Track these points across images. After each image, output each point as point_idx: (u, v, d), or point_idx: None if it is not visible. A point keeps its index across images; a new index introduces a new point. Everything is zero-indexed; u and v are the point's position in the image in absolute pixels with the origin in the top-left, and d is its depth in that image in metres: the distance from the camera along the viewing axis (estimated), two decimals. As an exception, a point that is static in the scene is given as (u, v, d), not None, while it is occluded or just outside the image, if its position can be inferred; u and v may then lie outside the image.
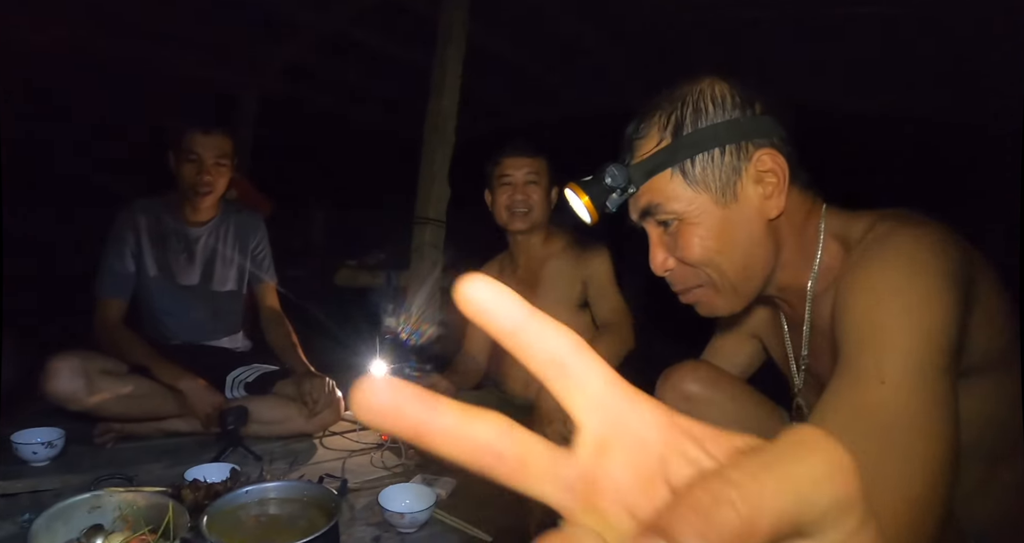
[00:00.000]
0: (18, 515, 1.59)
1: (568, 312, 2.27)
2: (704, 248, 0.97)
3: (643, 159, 1.00)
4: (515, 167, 2.27)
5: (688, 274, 1.02)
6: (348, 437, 2.34)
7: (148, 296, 2.38)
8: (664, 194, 0.98)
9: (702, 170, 0.95)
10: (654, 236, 1.04)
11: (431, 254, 3.60)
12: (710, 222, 0.96)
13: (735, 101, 0.96)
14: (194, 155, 2.23)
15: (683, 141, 0.96)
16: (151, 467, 1.95)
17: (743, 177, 0.95)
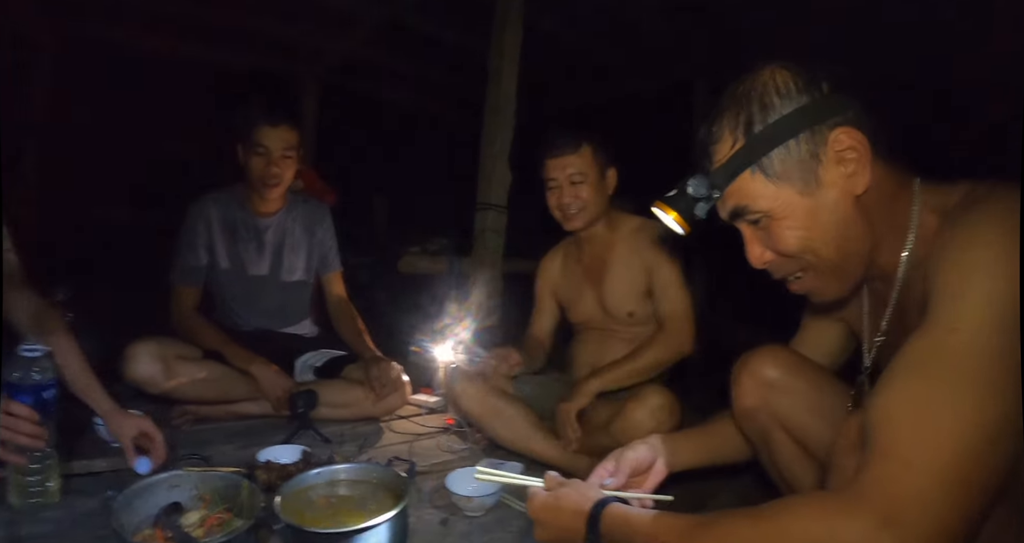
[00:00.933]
0: (101, 492, 1.65)
1: (634, 301, 2.17)
2: (798, 238, 0.98)
3: (721, 164, 1.00)
4: (558, 169, 2.13)
5: (787, 263, 1.03)
6: (414, 421, 2.36)
7: (220, 286, 2.45)
8: (748, 195, 0.99)
9: (781, 164, 0.95)
10: (747, 233, 1.05)
11: (493, 240, 3.59)
12: (799, 213, 0.97)
13: (800, 86, 0.95)
14: (262, 148, 2.27)
15: (756, 139, 0.96)
16: (225, 448, 2.01)
17: (823, 161, 0.94)
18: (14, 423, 1.40)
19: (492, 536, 1.56)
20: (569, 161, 2.11)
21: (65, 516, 1.55)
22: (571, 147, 2.11)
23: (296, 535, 1.30)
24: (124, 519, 1.32)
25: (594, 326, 2.27)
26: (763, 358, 1.33)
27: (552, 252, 2.46)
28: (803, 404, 1.27)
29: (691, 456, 1.37)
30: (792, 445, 1.30)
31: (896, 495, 0.72)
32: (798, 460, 1.31)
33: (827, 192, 0.95)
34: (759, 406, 1.31)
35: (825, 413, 1.25)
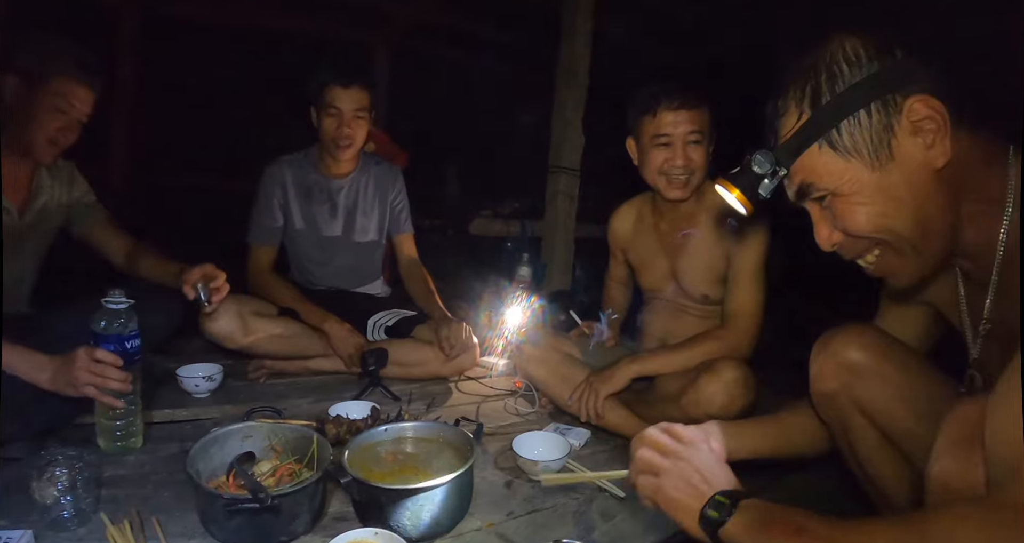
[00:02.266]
0: (181, 440, 1.72)
1: (711, 285, 2.00)
2: (869, 216, 0.91)
3: (787, 139, 0.93)
4: (675, 124, 1.85)
5: (858, 244, 0.96)
6: (483, 382, 2.35)
7: (295, 246, 2.48)
8: (815, 172, 0.92)
9: (850, 137, 0.88)
10: (815, 213, 0.98)
11: (565, 204, 3.53)
12: (868, 189, 0.89)
13: (870, 53, 0.88)
14: (334, 109, 2.27)
15: (824, 111, 0.89)
16: (298, 402, 2.06)
17: (897, 132, 0.87)
18: (101, 369, 1.45)
19: (556, 501, 1.53)
20: (691, 116, 1.85)
21: (147, 461, 1.62)
22: (694, 101, 1.85)
23: (362, 489, 1.31)
24: (200, 465, 1.36)
25: (666, 297, 2.14)
26: (847, 339, 1.22)
27: (624, 208, 2.23)
28: (890, 391, 1.16)
29: (753, 443, 1.28)
30: (875, 434, 1.20)
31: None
32: (881, 450, 1.21)
33: (902, 166, 0.88)
34: (839, 390, 1.21)
35: (914, 402, 1.13)
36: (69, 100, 1.74)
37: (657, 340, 2.14)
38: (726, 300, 1.95)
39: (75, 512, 1.29)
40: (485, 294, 2.76)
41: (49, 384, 1.46)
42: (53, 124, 1.74)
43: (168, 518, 1.35)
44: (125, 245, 2.02)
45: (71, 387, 1.44)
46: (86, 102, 1.78)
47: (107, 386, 1.47)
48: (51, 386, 1.46)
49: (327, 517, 1.40)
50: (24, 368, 1.45)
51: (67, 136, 1.79)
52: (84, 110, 1.79)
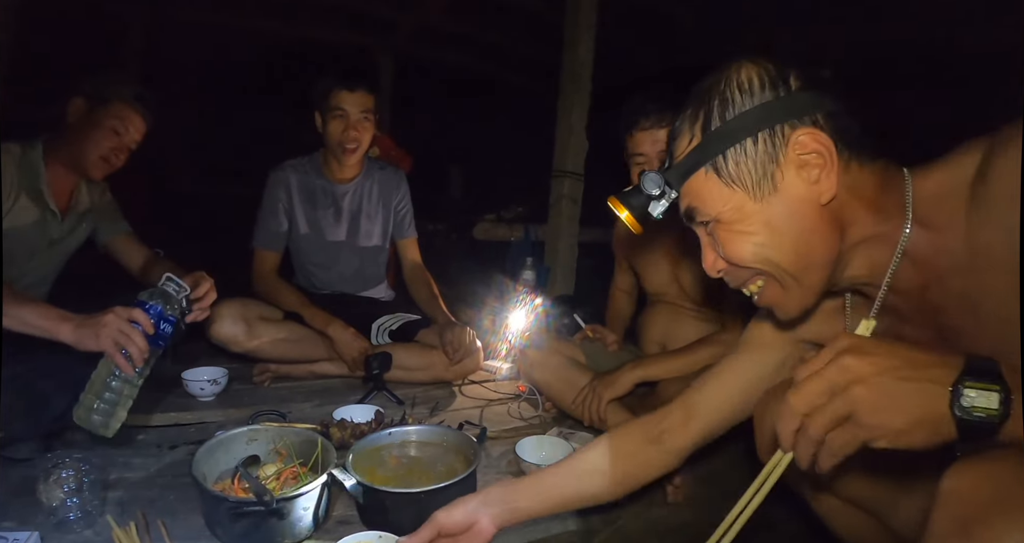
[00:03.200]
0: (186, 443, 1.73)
1: (708, 286, 1.99)
2: (746, 246, 0.88)
3: (678, 161, 0.93)
4: (647, 143, 1.87)
5: (741, 273, 0.93)
6: (486, 386, 2.36)
7: (299, 250, 2.50)
8: (700, 196, 0.91)
9: (735, 165, 0.87)
10: (703, 238, 0.96)
11: (569, 208, 3.54)
12: (749, 220, 0.87)
13: (765, 82, 0.86)
14: (340, 111, 2.28)
15: (712, 136, 0.88)
16: (302, 406, 2.07)
17: (782, 165, 0.85)
18: (131, 329, 1.47)
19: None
20: (664, 135, 1.80)
21: (152, 463, 1.63)
22: (668, 119, 1.80)
23: (367, 493, 1.31)
24: (205, 469, 1.37)
25: (668, 300, 2.16)
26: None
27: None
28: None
29: (532, 504, 1.18)
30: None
31: None
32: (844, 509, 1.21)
33: (784, 198, 0.86)
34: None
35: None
36: (125, 124, 1.92)
37: (658, 343, 2.15)
38: (727, 303, 1.96)
39: (81, 514, 1.30)
40: (489, 298, 2.77)
41: (71, 333, 1.45)
42: (107, 143, 1.91)
43: (173, 520, 1.36)
44: (143, 256, 2.14)
45: (93, 338, 1.45)
46: (139, 130, 1.96)
47: (127, 347, 1.47)
48: (72, 336, 1.46)
49: (331, 520, 1.41)
50: (42, 321, 1.45)
51: (118, 156, 1.95)
52: (135, 137, 1.96)
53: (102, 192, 2.14)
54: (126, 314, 1.46)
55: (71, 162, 1.93)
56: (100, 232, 2.14)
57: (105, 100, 1.90)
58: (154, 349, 1.53)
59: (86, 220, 2.07)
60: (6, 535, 1.20)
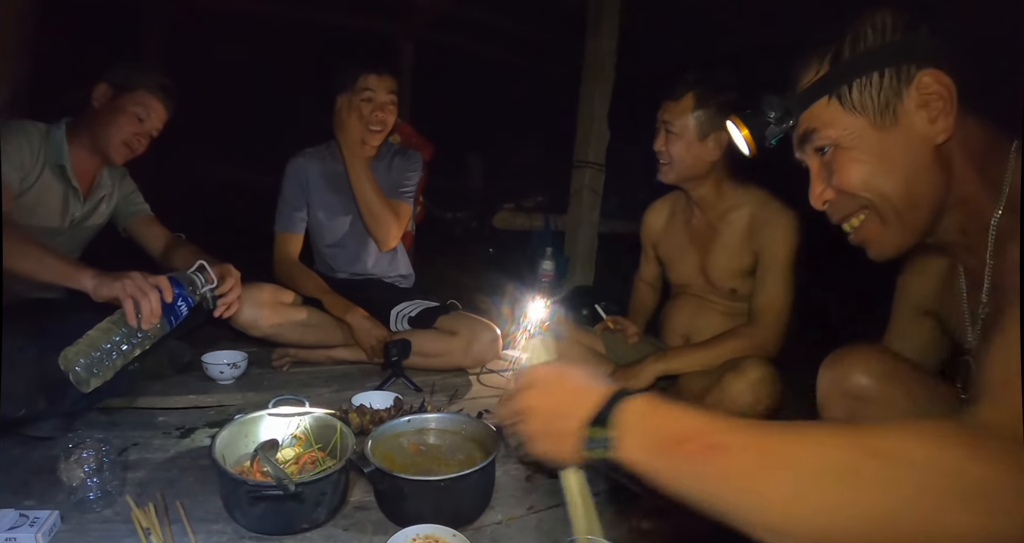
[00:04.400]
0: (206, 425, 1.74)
1: (738, 279, 1.98)
2: (861, 173, 0.92)
3: (802, 89, 0.97)
4: (662, 111, 1.95)
5: (847, 203, 0.96)
6: (504, 376, 2.34)
7: (318, 234, 2.50)
8: (820, 120, 0.95)
9: (859, 94, 0.91)
10: (814, 167, 0.99)
11: (590, 198, 3.51)
12: (867, 146, 0.91)
13: (897, 24, 0.91)
14: (368, 92, 2.27)
15: (840, 67, 0.93)
16: (321, 391, 2.07)
17: (904, 99, 0.89)
18: (150, 289, 1.50)
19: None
20: (669, 107, 1.93)
21: (171, 445, 1.63)
22: (676, 92, 1.92)
23: (385, 479, 1.30)
24: (224, 452, 1.37)
25: (693, 292, 2.12)
26: (852, 363, 1.21)
27: (658, 204, 2.26)
28: (898, 415, 1.13)
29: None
30: None
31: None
32: None
33: (904, 132, 0.90)
34: (845, 419, 1.20)
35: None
36: (148, 111, 1.95)
37: (681, 335, 2.11)
38: (754, 296, 1.93)
39: (101, 494, 1.31)
40: (508, 287, 2.75)
41: (91, 284, 1.50)
42: (130, 129, 1.93)
43: (192, 502, 1.36)
44: (164, 239, 2.16)
45: (110, 287, 1.49)
46: (160, 117, 1.99)
47: (143, 301, 1.49)
48: (91, 282, 1.50)
49: (348, 506, 1.40)
50: (66, 270, 1.52)
51: (139, 142, 1.98)
52: (157, 124, 1.99)
53: (123, 176, 2.17)
54: (151, 277, 1.51)
55: (94, 146, 1.95)
56: (121, 215, 2.16)
57: (129, 87, 1.93)
58: (164, 321, 1.53)
59: (107, 203, 2.09)
60: (27, 513, 1.21)
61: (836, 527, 0.59)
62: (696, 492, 0.66)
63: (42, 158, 1.86)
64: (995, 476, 0.54)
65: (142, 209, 2.20)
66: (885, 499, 0.56)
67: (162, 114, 1.99)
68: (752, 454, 0.64)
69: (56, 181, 1.90)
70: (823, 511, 0.59)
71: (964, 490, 0.54)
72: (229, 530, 1.29)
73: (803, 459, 0.61)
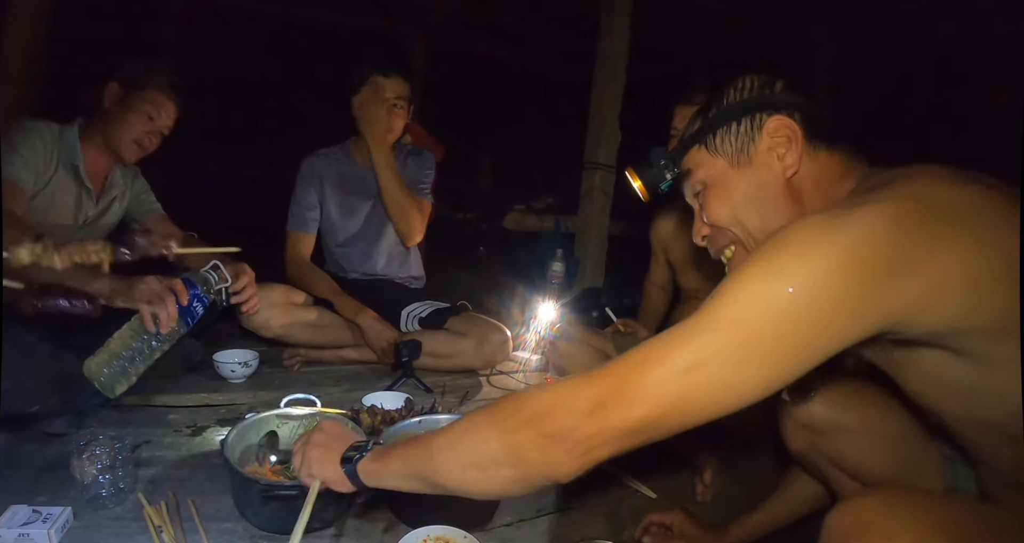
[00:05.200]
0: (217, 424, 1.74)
1: None
2: (724, 207, 1.05)
3: (683, 141, 1.11)
4: (679, 117, 1.94)
5: (720, 237, 1.09)
6: (514, 377, 2.34)
7: (330, 235, 2.50)
8: (693, 163, 1.08)
9: (720, 140, 1.05)
10: (696, 209, 1.12)
11: (600, 200, 3.50)
12: (728, 184, 1.04)
13: (756, 84, 1.05)
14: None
15: (708, 120, 1.07)
16: (332, 391, 2.07)
17: (756, 142, 1.02)
18: (166, 293, 1.51)
19: (587, 500, 1.52)
20: (690, 112, 1.91)
21: (183, 443, 1.64)
22: (697, 97, 1.87)
23: (397, 479, 1.30)
24: (236, 450, 1.37)
25: (703, 296, 2.11)
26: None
27: (668, 208, 2.27)
28: (855, 443, 1.18)
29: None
30: (855, 484, 1.21)
31: (623, 389, 0.76)
32: None
33: (757, 170, 1.02)
34: (807, 449, 1.26)
35: (882, 449, 1.16)
36: (158, 109, 1.94)
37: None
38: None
39: (113, 491, 1.31)
40: (518, 288, 2.75)
41: (107, 289, 1.51)
42: (141, 127, 1.93)
43: (203, 500, 1.37)
44: (176, 237, 2.10)
45: (126, 295, 1.50)
46: (171, 116, 1.99)
47: (159, 307, 1.50)
48: (107, 290, 1.50)
49: (358, 506, 1.40)
50: (79, 272, 1.49)
51: (151, 140, 1.98)
52: (168, 122, 1.99)
53: (135, 175, 2.17)
54: (165, 280, 1.52)
55: (106, 144, 1.95)
56: (133, 214, 2.16)
57: (140, 86, 1.93)
58: (181, 323, 1.54)
59: (119, 202, 2.10)
60: (40, 509, 1.22)
61: (471, 460, 0.85)
62: (406, 472, 0.94)
63: (55, 158, 1.87)
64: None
65: (154, 208, 2.20)
66: (490, 436, 0.83)
67: (173, 112, 1.99)
68: (429, 443, 0.91)
69: (69, 181, 1.91)
70: (467, 450, 0.86)
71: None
72: (240, 528, 1.29)
73: (460, 421, 0.90)
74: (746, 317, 0.76)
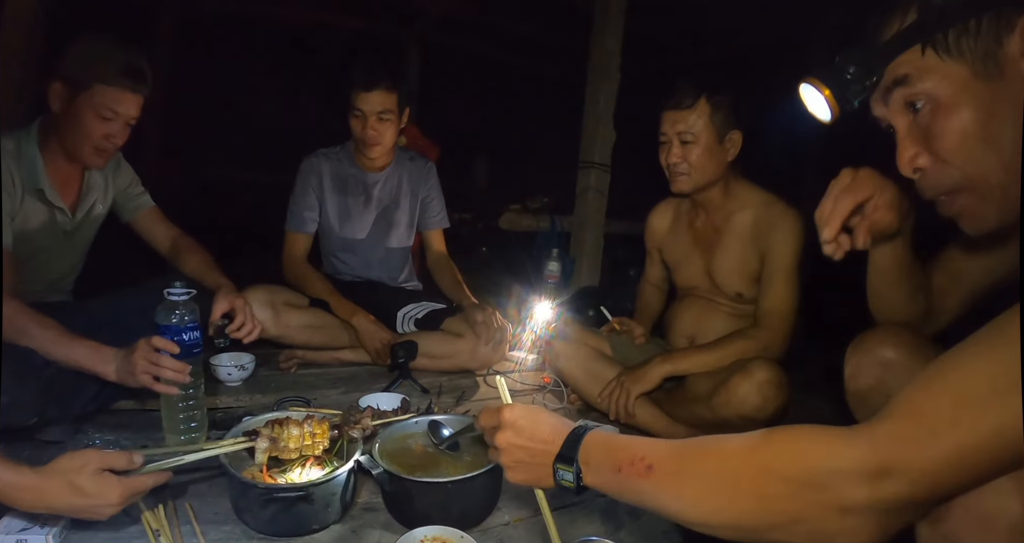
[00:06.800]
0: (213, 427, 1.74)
1: (745, 282, 1.98)
2: (964, 134, 0.80)
3: (888, 39, 0.86)
4: (669, 123, 1.92)
5: (943, 174, 0.85)
6: (511, 377, 2.34)
7: (327, 237, 2.52)
8: (914, 66, 0.83)
9: (956, 41, 0.80)
10: (902, 127, 0.88)
11: (595, 199, 3.51)
12: (971, 102, 0.80)
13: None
14: (358, 111, 2.27)
15: (932, 15, 0.82)
16: (328, 392, 2.07)
17: (1006, 48, 0.78)
18: (158, 358, 1.47)
19: (584, 498, 1.51)
20: (681, 116, 1.89)
21: (181, 447, 1.64)
22: (687, 101, 1.89)
23: (393, 481, 1.31)
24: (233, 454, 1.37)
25: (699, 294, 2.12)
26: (881, 338, 1.19)
27: (661, 206, 2.25)
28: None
29: None
30: None
31: (906, 457, 0.67)
32: None
33: (1008, 87, 0.78)
34: (874, 387, 1.17)
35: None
36: (112, 108, 1.70)
37: (687, 337, 2.11)
38: (760, 299, 1.93)
39: (111, 496, 1.31)
40: (514, 288, 2.75)
41: (115, 376, 1.48)
42: (98, 131, 1.72)
43: (201, 503, 1.37)
44: (170, 235, 2.05)
45: (131, 377, 1.46)
46: (130, 107, 1.74)
47: (163, 374, 1.47)
48: (116, 377, 1.48)
49: (356, 507, 1.41)
50: (92, 362, 1.48)
51: (113, 141, 1.76)
52: (130, 114, 1.75)
53: (116, 167, 1.99)
54: (149, 345, 1.46)
55: (66, 153, 1.77)
56: (122, 209, 2.03)
57: (86, 84, 1.67)
58: (193, 358, 1.54)
59: (102, 202, 1.96)
60: (37, 515, 1.22)
61: (730, 521, 0.76)
62: (639, 500, 0.84)
63: (18, 185, 1.70)
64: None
65: (143, 202, 2.05)
66: (756, 504, 0.73)
67: (132, 102, 1.73)
68: (671, 469, 0.81)
69: (38, 203, 1.77)
70: (722, 509, 0.76)
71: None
72: (238, 531, 1.30)
73: (707, 470, 0.79)
74: None
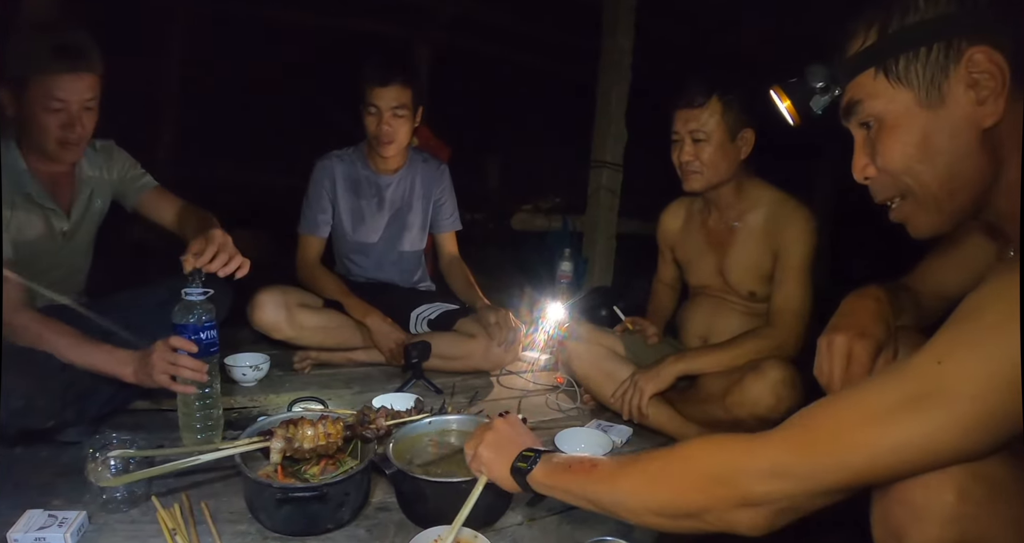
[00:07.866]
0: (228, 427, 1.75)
1: (757, 281, 1.97)
2: (903, 154, 0.87)
3: (848, 58, 0.93)
4: (680, 122, 1.92)
5: (887, 184, 0.92)
6: (524, 377, 2.34)
7: (341, 239, 2.52)
8: (864, 91, 0.90)
9: (905, 68, 0.86)
10: (858, 140, 0.95)
11: (607, 199, 3.50)
12: (911, 125, 0.86)
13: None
14: (373, 107, 2.27)
15: (888, 39, 0.87)
16: (342, 392, 2.08)
17: (951, 77, 0.83)
18: (175, 358, 1.48)
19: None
20: (693, 115, 1.89)
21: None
22: (698, 99, 1.88)
23: (406, 481, 1.31)
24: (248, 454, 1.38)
25: (712, 293, 2.11)
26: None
27: (674, 206, 2.24)
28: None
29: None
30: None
31: (792, 461, 0.77)
32: None
33: (949, 113, 0.84)
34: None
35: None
36: (55, 96, 1.59)
37: (700, 336, 2.10)
38: (773, 298, 1.92)
39: (128, 495, 1.33)
40: (526, 289, 2.75)
41: (133, 377, 1.50)
42: (52, 125, 1.62)
43: (216, 503, 1.38)
44: (174, 209, 1.93)
45: (149, 377, 1.48)
46: (75, 90, 1.61)
47: (181, 374, 1.49)
48: (135, 379, 1.50)
49: (371, 507, 1.41)
50: (109, 365, 1.50)
51: (75, 130, 1.65)
52: (80, 98, 1.62)
53: (108, 155, 1.91)
54: (166, 347, 1.48)
55: (43, 154, 1.70)
56: (125, 196, 1.96)
57: (23, 80, 1.58)
58: (210, 357, 1.55)
59: (100, 194, 1.90)
60: (56, 513, 1.23)
61: (654, 509, 0.90)
62: (583, 495, 0.98)
63: (8, 191, 1.63)
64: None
65: (146, 183, 1.96)
66: (675, 495, 0.88)
67: (75, 84, 1.60)
68: (611, 468, 0.97)
69: (30, 206, 1.71)
70: (648, 500, 0.90)
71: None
72: (253, 530, 1.30)
73: (639, 467, 0.93)
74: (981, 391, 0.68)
